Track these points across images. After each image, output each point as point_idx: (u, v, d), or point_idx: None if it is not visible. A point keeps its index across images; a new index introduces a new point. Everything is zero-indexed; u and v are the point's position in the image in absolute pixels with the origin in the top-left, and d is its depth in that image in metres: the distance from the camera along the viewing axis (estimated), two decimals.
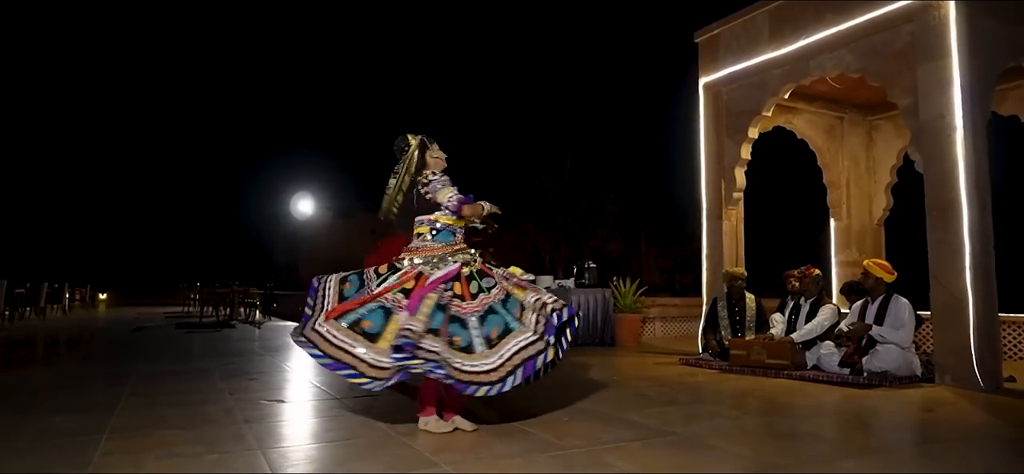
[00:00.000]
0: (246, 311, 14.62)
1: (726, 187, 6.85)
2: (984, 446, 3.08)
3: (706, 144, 7.08)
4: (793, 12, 6.18)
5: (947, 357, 4.69)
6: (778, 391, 4.45)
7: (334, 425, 3.36)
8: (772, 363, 5.20)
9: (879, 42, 5.41)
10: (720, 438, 3.14)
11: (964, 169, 4.72)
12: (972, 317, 4.57)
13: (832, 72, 5.89)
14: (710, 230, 6.96)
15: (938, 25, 4.93)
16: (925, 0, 5.02)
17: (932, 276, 4.85)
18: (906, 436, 3.35)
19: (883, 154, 7.83)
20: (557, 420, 3.41)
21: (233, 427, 3.22)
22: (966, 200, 4.69)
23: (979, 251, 4.66)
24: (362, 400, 3.98)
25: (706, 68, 7.16)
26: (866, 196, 7.87)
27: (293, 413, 3.69)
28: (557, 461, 2.63)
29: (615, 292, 7.95)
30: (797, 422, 3.52)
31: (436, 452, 2.73)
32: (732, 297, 6.18)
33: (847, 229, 7.77)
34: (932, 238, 4.88)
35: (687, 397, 4.24)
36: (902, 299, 4.94)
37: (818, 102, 7.51)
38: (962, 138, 4.75)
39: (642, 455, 2.74)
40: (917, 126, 5.07)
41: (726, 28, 6.92)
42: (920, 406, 3.98)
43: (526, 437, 3.02)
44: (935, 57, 4.93)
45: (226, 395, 4.15)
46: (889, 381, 4.65)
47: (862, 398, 4.20)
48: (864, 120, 7.91)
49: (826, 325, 5.43)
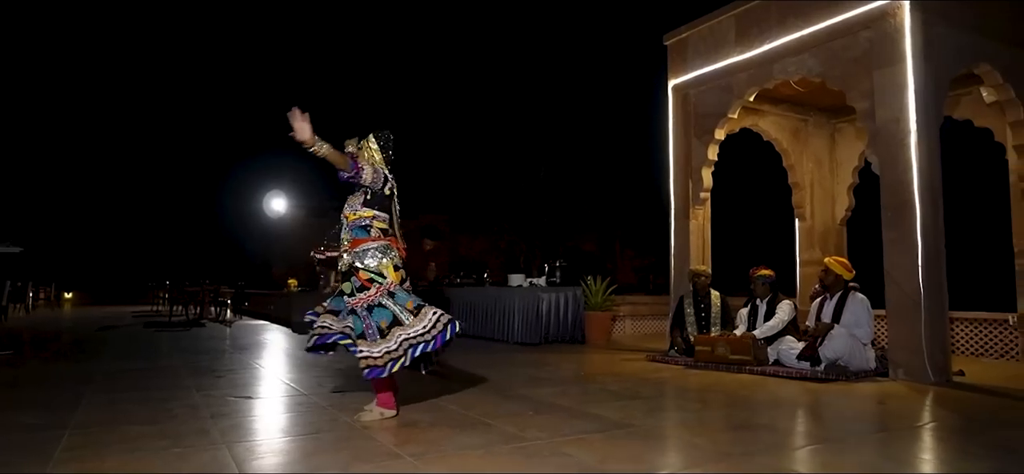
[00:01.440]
0: (217, 310, 14.46)
1: (693, 187, 6.99)
2: (929, 436, 3.22)
3: (674, 145, 7.22)
4: (758, 17, 6.33)
5: (900, 352, 4.87)
6: (740, 386, 4.58)
7: (301, 420, 3.38)
8: (735, 359, 5.33)
9: (839, 47, 5.58)
10: (679, 429, 3.24)
11: (917, 171, 4.90)
12: (924, 314, 4.74)
13: (795, 76, 6.05)
14: (678, 229, 7.10)
15: (894, 32, 5.11)
16: (882, 7, 5.20)
17: (887, 274, 5.02)
18: (856, 426, 3.47)
19: (845, 156, 8.05)
20: (521, 414, 3.48)
21: (198, 423, 3.23)
22: (919, 201, 4.87)
23: (931, 250, 4.84)
24: (331, 396, 4.01)
25: (675, 71, 7.29)
26: (829, 197, 8.08)
27: (261, 409, 3.70)
28: (519, 453, 2.69)
29: (586, 291, 8.05)
30: (754, 414, 3.63)
31: (400, 445, 2.78)
32: (698, 295, 6.31)
33: (811, 229, 7.97)
34: (887, 237, 5.06)
35: (651, 392, 4.34)
36: (859, 295, 5.11)
37: (783, 105, 7.69)
38: (916, 141, 4.92)
39: (602, 446, 2.82)
40: (874, 129, 5.24)
41: (694, 31, 7.06)
42: (873, 399, 4.13)
43: (489, 430, 3.08)
44: (891, 62, 5.11)
45: (193, 392, 4.14)
46: (846, 375, 4.81)
47: (819, 391, 4.34)
48: (827, 123, 8.13)
49: (786, 320, 5.59)
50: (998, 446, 2.89)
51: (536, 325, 7.65)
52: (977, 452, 2.80)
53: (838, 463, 2.67)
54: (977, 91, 6.24)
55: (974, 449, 2.87)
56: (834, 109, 7.80)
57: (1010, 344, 6.09)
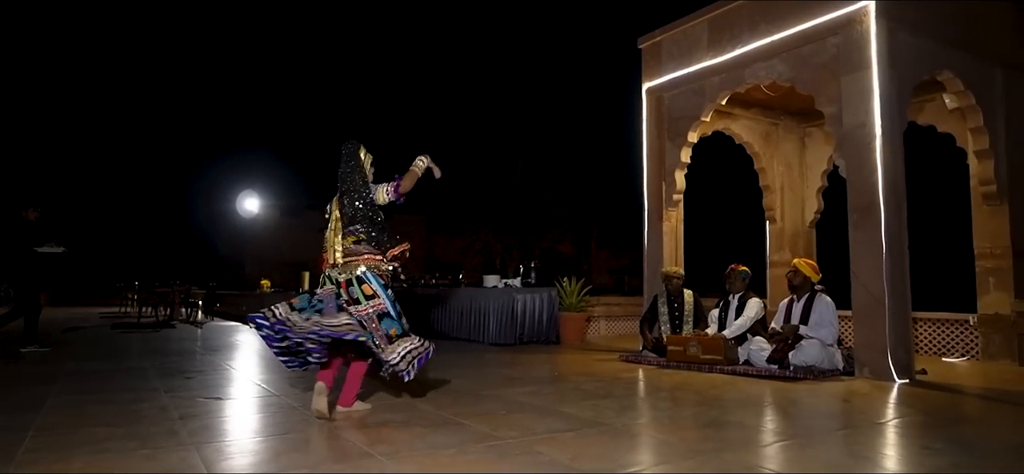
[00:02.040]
0: (187, 311, 14.23)
1: (667, 189, 7.08)
2: (892, 432, 3.31)
3: (648, 147, 7.30)
4: (730, 22, 6.43)
5: (865, 351, 4.99)
6: (710, 385, 4.65)
7: (272, 421, 3.36)
8: (706, 359, 5.41)
9: (808, 53, 5.70)
10: (649, 428, 3.28)
11: (882, 175, 5.02)
12: (888, 314, 4.87)
13: (765, 80, 6.16)
14: (651, 231, 7.18)
15: (860, 39, 5.23)
16: (849, 14, 5.33)
17: (853, 275, 5.14)
18: (822, 424, 3.55)
19: (814, 159, 8.21)
20: (494, 413, 3.49)
21: (166, 424, 3.19)
22: (884, 204, 4.99)
23: (895, 252, 4.97)
24: (303, 397, 3.98)
25: (649, 74, 7.37)
26: (799, 199, 8.24)
27: (231, 410, 3.66)
28: (491, 451, 2.71)
29: (560, 292, 8.09)
30: (723, 412, 3.69)
31: (371, 445, 2.77)
32: (671, 295, 6.39)
33: (781, 231, 8.12)
34: (854, 239, 5.18)
35: (623, 391, 4.39)
36: (826, 297, 5.23)
37: (755, 109, 7.82)
38: (881, 145, 5.05)
39: (573, 444, 2.84)
40: (841, 133, 5.36)
41: (668, 35, 7.15)
42: (839, 397, 4.22)
43: (462, 429, 3.09)
44: (857, 68, 5.23)
45: (161, 393, 4.08)
46: (814, 374, 4.91)
47: (787, 390, 4.43)
48: (798, 127, 8.28)
49: (754, 319, 5.69)
50: (956, 441, 2.98)
51: (511, 326, 7.67)
52: (937, 447, 2.89)
53: (804, 459, 2.73)
54: (940, 97, 6.41)
55: (934, 445, 2.95)
56: (804, 113, 7.95)
57: (970, 343, 6.27)
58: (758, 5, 6.15)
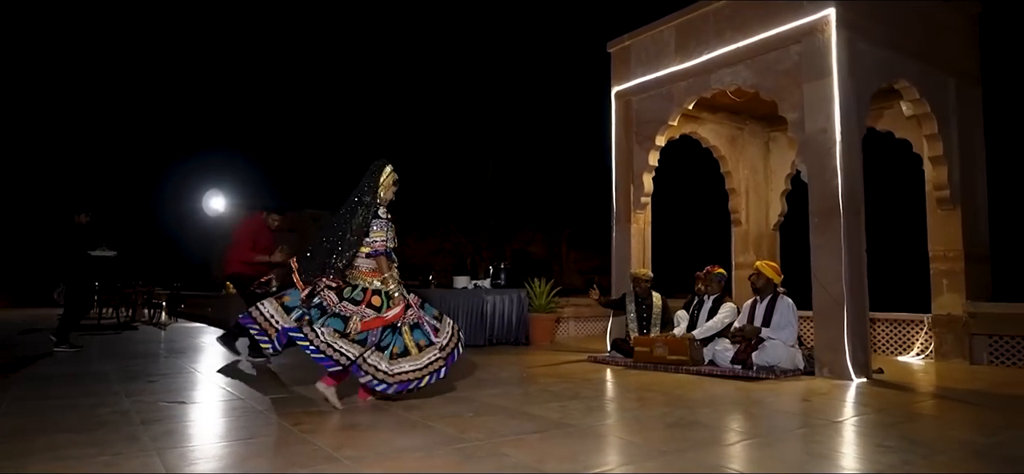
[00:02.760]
0: (151, 312, 13.93)
1: (635, 192, 7.17)
2: (848, 430, 3.41)
3: (617, 150, 7.39)
4: (697, 28, 6.55)
5: (825, 351, 5.13)
6: (676, 385, 4.73)
7: (237, 425, 3.32)
8: (673, 359, 5.50)
9: (771, 60, 5.83)
10: (615, 429, 3.33)
11: (842, 179, 5.17)
12: (846, 315, 5.01)
13: (731, 86, 6.28)
14: (619, 233, 7.27)
15: (822, 47, 5.38)
16: (811, 23, 5.47)
17: (814, 277, 5.28)
18: (782, 423, 3.65)
19: (778, 164, 8.39)
20: (462, 415, 3.51)
21: (128, 429, 3.14)
22: (843, 208, 5.14)
23: (854, 255, 5.12)
24: (268, 400, 3.95)
25: (618, 77, 7.46)
26: (763, 203, 8.41)
27: (195, 414, 3.61)
28: (457, 454, 2.73)
29: (530, 293, 8.14)
30: (688, 412, 3.76)
31: (337, 448, 2.77)
32: (639, 297, 6.48)
33: (746, 233, 8.28)
34: (815, 242, 5.32)
35: (590, 392, 4.44)
36: (787, 299, 5.36)
37: (721, 113, 7.97)
38: (841, 151, 5.20)
39: (539, 446, 2.88)
40: (803, 139, 5.50)
41: (636, 40, 7.25)
42: (799, 396, 4.34)
43: (429, 431, 3.10)
44: (819, 75, 5.37)
45: (122, 397, 4.00)
46: (776, 374, 5.03)
47: (750, 390, 4.53)
48: (763, 131, 8.46)
49: (725, 322, 5.81)
50: (908, 438, 3.09)
51: (481, 327, 7.69)
52: (890, 445, 2.99)
53: (765, 458, 2.81)
54: (898, 105, 6.61)
55: (887, 442, 3.06)
56: (769, 118, 8.12)
57: (925, 343, 6.48)
58: (724, 12, 6.28)
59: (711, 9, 6.40)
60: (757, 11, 5.94)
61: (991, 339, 6.01)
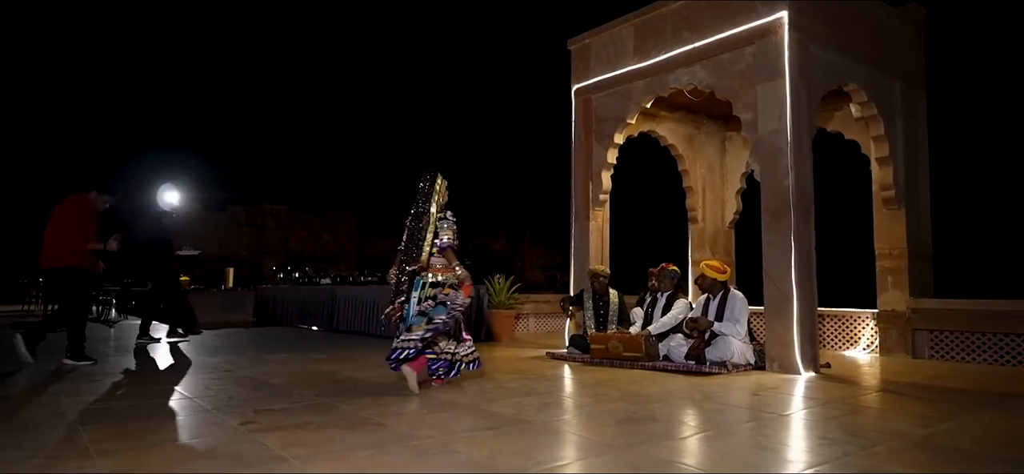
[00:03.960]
0: (99, 309, 13.46)
1: (594, 189, 7.22)
2: (795, 423, 3.50)
3: (576, 147, 7.43)
4: (655, 27, 6.62)
5: (775, 346, 5.25)
6: (631, 381, 4.79)
7: (183, 425, 3.24)
8: (628, 355, 5.57)
9: (727, 61, 5.94)
10: (567, 424, 3.35)
11: (792, 179, 5.30)
12: (796, 310, 5.14)
13: (687, 86, 6.37)
14: (578, 230, 7.32)
15: (774, 49, 5.50)
16: (764, 25, 5.58)
17: (765, 274, 5.40)
18: (732, 417, 3.72)
19: (734, 163, 8.56)
20: (416, 412, 3.49)
21: (65, 431, 3.02)
22: (793, 206, 5.27)
23: (803, 252, 5.26)
24: (218, 400, 3.86)
25: (578, 75, 7.50)
26: (719, 201, 8.57)
27: (139, 414, 3.50)
28: (409, 452, 2.71)
29: (490, 289, 8.13)
30: (640, 407, 3.81)
31: (286, 447, 2.72)
32: (597, 293, 6.54)
33: (702, 231, 8.42)
34: (766, 240, 5.44)
35: (546, 388, 4.46)
36: (738, 294, 5.47)
37: (679, 112, 8.08)
38: (791, 151, 5.33)
39: (491, 442, 2.88)
40: (756, 139, 5.62)
41: (596, 38, 7.29)
42: (749, 391, 4.43)
43: (381, 429, 3.07)
44: (771, 77, 5.49)
45: (61, 397, 3.86)
46: (728, 368, 5.13)
47: (702, 385, 4.61)
48: (719, 131, 8.61)
49: (680, 318, 5.90)
50: (849, 431, 3.19)
51: None
52: (833, 437, 3.08)
53: (713, 451, 2.86)
54: (847, 107, 6.80)
55: (830, 434, 3.15)
56: (725, 118, 8.27)
57: (871, 338, 6.70)
58: (682, 13, 6.36)
59: (669, 9, 6.48)
60: (713, 12, 6.04)
61: (932, 334, 6.24)
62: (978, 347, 5.94)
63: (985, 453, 2.82)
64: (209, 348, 7.09)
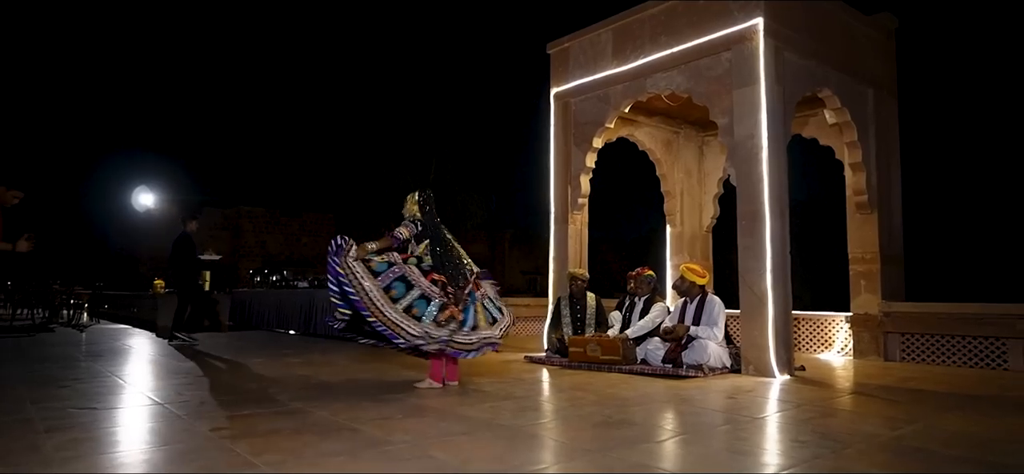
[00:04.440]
0: (70, 313, 13.20)
1: (572, 193, 7.24)
2: (769, 426, 3.53)
3: (555, 151, 7.45)
4: (633, 32, 6.66)
5: (751, 349, 5.30)
6: (608, 384, 4.80)
7: (153, 432, 3.17)
8: (606, 359, 5.58)
9: (703, 66, 5.99)
10: (543, 429, 3.35)
11: (767, 184, 5.36)
12: (771, 314, 5.20)
13: (665, 91, 6.42)
14: (557, 234, 7.33)
15: (750, 55, 5.56)
16: (740, 31, 5.65)
17: (741, 277, 5.45)
18: (708, 420, 3.75)
19: (712, 167, 8.63)
20: (391, 417, 3.46)
21: (29, 438, 2.94)
22: (768, 211, 5.33)
23: (778, 256, 5.32)
24: (189, 406, 3.79)
25: (557, 79, 7.52)
26: (697, 205, 8.64)
27: (108, 421, 3.42)
28: (382, 457, 2.68)
29: None
30: (617, 411, 3.81)
31: (257, 454, 2.68)
32: (574, 297, 6.55)
33: (680, 235, 8.49)
34: (742, 244, 5.49)
35: (523, 392, 4.45)
36: (715, 298, 5.52)
37: (657, 117, 8.14)
38: (767, 156, 5.39)
39: (466, 447, 2.86)
40: (732, 144, 5.67)
41: (575, 42, 7.32)
42: (725, 393, 4.47)
43: (355, 435, 3.04)
44: (747, 83, 5.55)
45: (27, 404, 3.76)
46: (704, 372, 5.17)
47: (679, 388, 4.64)
48: (697, 135, 8.68)
49: (657, 321, 5.93)
50: (821, 433, 3.22)
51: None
52: (805, 440, 3.11)
53: (688, 455, 2.88)
54: (822, 113, 6.91)
55: (803, 437, 3.18)
56: (702, 123, 8.34)
57: (845, 341, 6.79)
58: (660, 18, 6.41)
59: (647, 14, 6.52)
60: (691, 18, 6.10)
61: (903, 337, 6.35)
62: (947, 350, 6.05)
63: (952, 455, 2.87)
64: (183, 353, 6.98)
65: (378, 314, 4.08)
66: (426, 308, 4.18)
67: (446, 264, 4.42)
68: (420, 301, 4.21)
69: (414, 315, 4.14)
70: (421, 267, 4.41)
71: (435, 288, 4.28)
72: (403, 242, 4.53)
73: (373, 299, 4.10)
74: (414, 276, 4.30)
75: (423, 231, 4.59)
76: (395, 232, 4.53)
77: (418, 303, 4.19)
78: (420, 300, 4.21)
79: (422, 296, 4.23)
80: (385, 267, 4.29)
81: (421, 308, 4.18)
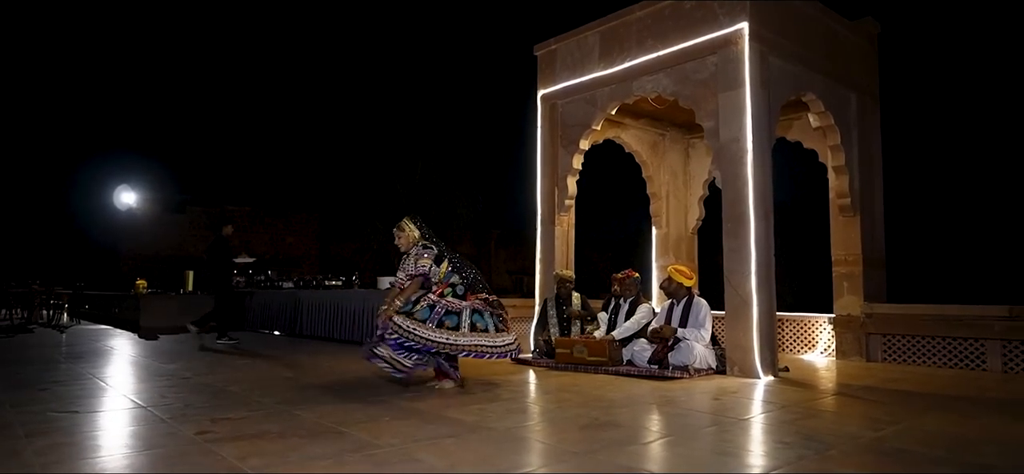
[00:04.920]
0: (50, 314, 13.01)
1: (559, 195, 7.26)
2: (754, 427, 3.57)
3: (542, 153, 7.46)
4: (620, 35, 6.69)
5: (735, 350, 5.35)
6: (595, 385, 4.82)
7: (136, 436, 3.14)
8: (592, 360, 5.60)
9: (690, 69, 6.03)
10: (530, 431, 3.36)
11: (752, 186, 5.41)
12: (755, 315, 5.24)
13: (651, 93, 6.46)
14: (544, 235, 7.34)
15: (736, 59, 5.60)
16: (726, 35, 5.69)
17: (726, 279, 5.49)
18: (693, 421, 3.77)
19: (697, 170, 8.69)
20: (378, 419, 3.45)
21: (9, 442, 2.90)
22: (753, 214, 5.37)
23: (762, 258, 5.36)
24: (173, 409, 3.75)
25: (544, 81, 7.53)
26: (683, 207, 8.70)
27: (89, 425, 3.38)
28: (369, 460, 2.67)
29: None
30: (603, 413, 3.83)
31: (243, 458, 2.66)
32: (561, 298, 6.57)
33: (666, 236, 8.53)
34: (727, 246, 5.54)
35: (510, 394, 4.46)
36: (702, 300, 5.56)
37: (643, 119, 8.18)
38: (751, 159, 5.43)
39: (453, 450, 2.86)
40: (718, 146, 5.72)
41: (562, 44, 7.34)
42: (710, 395, 4.50)
43: (341, 438, 3.03)
44: (733, 86, 5.60)
45: (6, 408, 3.71)
46: (690, 373, 5.21)
47: (665, 389, 4.66)
48: (683, 138, 8.74)
49: (643, 323, 5.96)
50: (805, 434, 3.26)
51: None
52: (789, 441, 3.15)
53: (674, 456, 2.90)
54: (806, 117, 6.98)
55: (787, 438, 3.21)
56: (688, 126, 8.39)
57: (828, 342, 6.87)
58: (646, 21, 6.44)
59: (634, 17, 6.55)
60: (677, 22, 6.13)
61: (885, 338, 6.43)
62: (928, 351, 6.14)
63: (932, 455, 2.92)
64: (166, 354, 6.91)
65: (449, 347, 4.41)
66: (482, 319, 4.51)
67: (465, 271, 4.64)
68: (476, 316, 4.50)
69: (479, 329, 4.47)
70: (456, 294, 4.54)
71: (477, 303, 4.55)
72: (428, 271, 4.58)
73: (435, 339, 4.36)
74: (456, 307, 4.49)
75: (437, 251, 4.69)
76: (418, 267, 4.58)
77: (476, 318, 4.49)
78: (475, 315, 4.50)
79: (475, 311, 4.51)
80: (428, 313, 4.42)
81: (479, 321, 4.50)
